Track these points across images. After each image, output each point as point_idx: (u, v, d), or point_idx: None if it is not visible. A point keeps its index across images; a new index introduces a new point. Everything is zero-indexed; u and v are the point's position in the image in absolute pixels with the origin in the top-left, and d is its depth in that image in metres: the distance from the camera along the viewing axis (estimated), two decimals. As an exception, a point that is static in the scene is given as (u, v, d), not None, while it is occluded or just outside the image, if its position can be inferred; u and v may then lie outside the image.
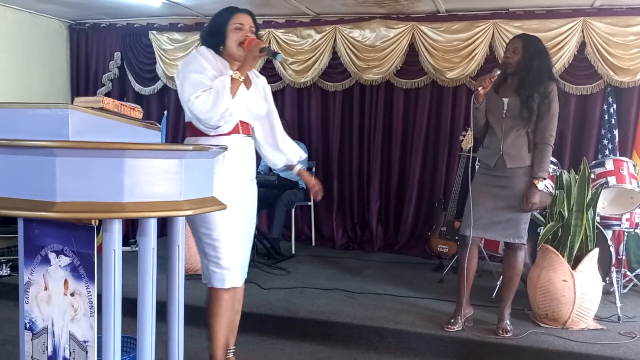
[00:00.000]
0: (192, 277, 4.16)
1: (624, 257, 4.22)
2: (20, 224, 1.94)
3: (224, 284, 2.47)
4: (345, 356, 3.18)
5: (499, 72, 3.13)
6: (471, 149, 3.42)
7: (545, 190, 3.74)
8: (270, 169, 5.42)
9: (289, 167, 2.80)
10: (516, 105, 3.11)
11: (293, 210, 5.34)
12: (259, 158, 2.74)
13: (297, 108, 5.73)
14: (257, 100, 2.55)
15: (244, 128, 2.51)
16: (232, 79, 2.35)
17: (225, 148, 2.20)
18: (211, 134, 2.43)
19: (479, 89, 3.09)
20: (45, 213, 1.64)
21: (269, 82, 2.79)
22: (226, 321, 2.55)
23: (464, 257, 3.24)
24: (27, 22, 5.56)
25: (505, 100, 3.16)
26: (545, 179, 3.10)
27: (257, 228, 4.83)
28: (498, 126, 3.18)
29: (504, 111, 3.16)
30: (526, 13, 4.90)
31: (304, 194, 5.40)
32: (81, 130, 1.74)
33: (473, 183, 3.29)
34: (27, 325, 1.94)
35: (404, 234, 5.47)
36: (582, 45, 4.75)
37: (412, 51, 5.21)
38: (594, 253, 3.35)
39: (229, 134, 2.46)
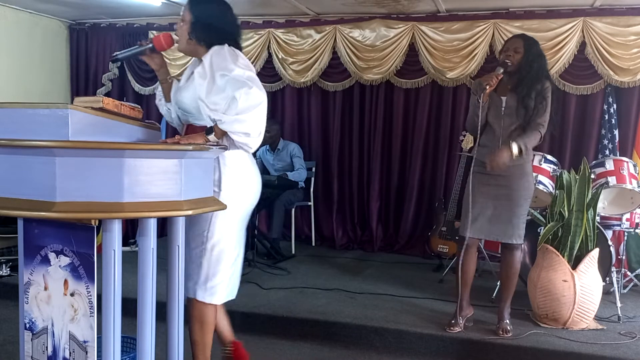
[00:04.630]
0: (192, 277, 4.17)
1: (624, 257, 4.22)
2: (20, 224, 1.94)
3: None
4: (345, 356, 3.17)
5: (502, 71, 3.13)
6: (471, 149, 3.41)
7: (544, 189, 3.75)
8: (266, 170, 5.42)
9: None
10: (513, 104, 3.14)
11: (293, 210, 5.33)
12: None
13: (297, 108, 5.71)
14: (182, 97, 2.38)
15: (186, 132, 2.37)
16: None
17: (225, 148, 2.13)
18: None
19: (486, 87, 3.08)
20: (45, 213, 1.64)
21: (268, 82, 2.65)
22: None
23: (462, 258, 3.23)
24: (26, 22, 5.56)
25: (504, 98, 3.17)
26: (521, 149, 3.01)
27: (257, 228, 4.85)
28: (497, 124, 3.19)
29: (503, 109, 3.16)
30: (526, 13, 4.90)
31: (303, 193, 5.40)
32: (81, 130, 1.75)
33: (469, 183, 3.29)
34: (27, 325, 1.94)
35: (404, 234, 5.46)
36: (582, 45, 4.74)
37: (412, 51, 5.20)
38: (594, 253, 3.35)
39: None
